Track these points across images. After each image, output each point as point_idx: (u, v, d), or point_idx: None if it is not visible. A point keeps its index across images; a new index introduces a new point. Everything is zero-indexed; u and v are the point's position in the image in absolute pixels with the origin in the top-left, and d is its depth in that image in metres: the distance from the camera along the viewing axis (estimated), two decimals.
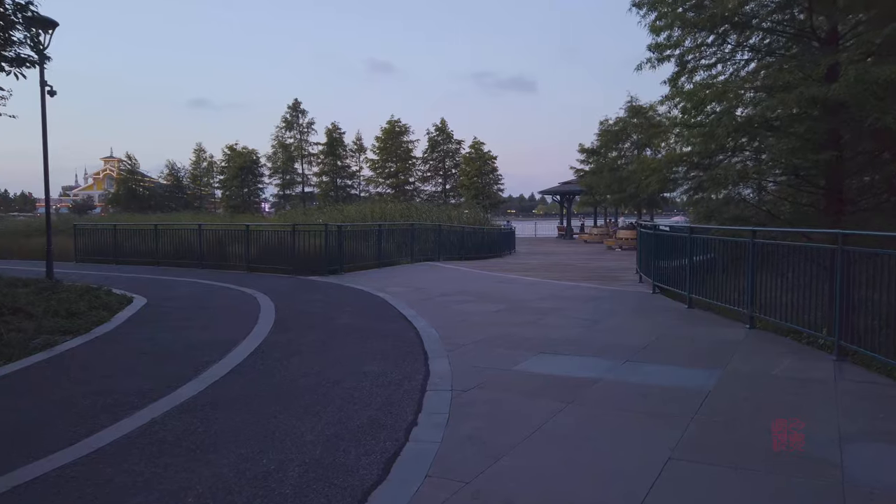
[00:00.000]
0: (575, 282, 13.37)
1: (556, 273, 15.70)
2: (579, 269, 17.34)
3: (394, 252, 18.25)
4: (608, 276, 14.85)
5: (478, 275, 15.09)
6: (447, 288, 12.24)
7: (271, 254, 15.54)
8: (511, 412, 4.59)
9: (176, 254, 17.52)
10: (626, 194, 28.38)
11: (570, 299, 10.50)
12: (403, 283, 13.22)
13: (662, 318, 8.56)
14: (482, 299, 10.54)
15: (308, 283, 13.34)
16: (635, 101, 29.23)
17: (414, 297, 10.90)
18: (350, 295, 11.26)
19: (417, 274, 15.36)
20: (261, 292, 11.59)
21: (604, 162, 32.05)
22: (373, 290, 11.89)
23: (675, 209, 53.35)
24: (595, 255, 25.47)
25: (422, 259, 19.54)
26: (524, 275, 15.02)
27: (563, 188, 43.12)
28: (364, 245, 16.87)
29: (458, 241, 22.18)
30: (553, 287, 12.35)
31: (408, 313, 9.05)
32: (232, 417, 4.53)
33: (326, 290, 12.08)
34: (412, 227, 18.95)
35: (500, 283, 13.09)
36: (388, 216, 24.63)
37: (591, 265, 18.80)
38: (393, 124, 53.76)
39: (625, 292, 11.52)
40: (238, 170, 55.68)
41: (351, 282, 13.28)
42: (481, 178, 48.96)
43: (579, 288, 12.21)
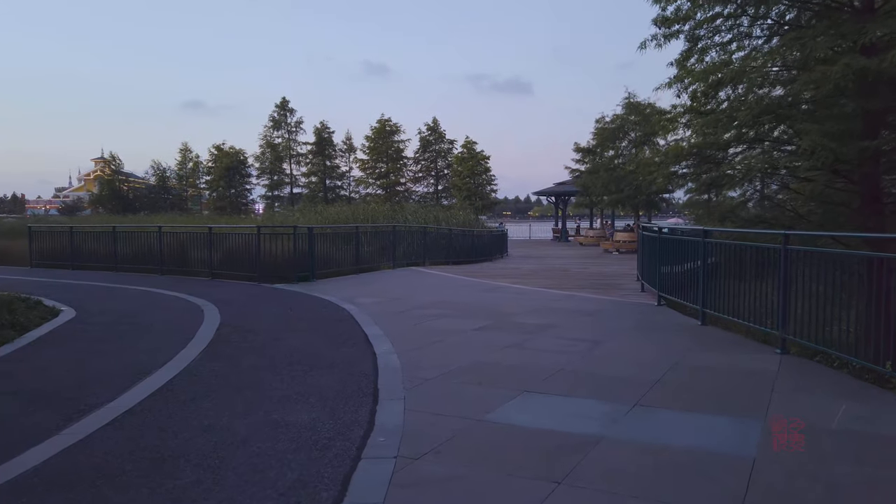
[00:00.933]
0: (570, 291, 11.97)
1: (550, 280, 14.30)
2: (575, 275, 15.95)
3: (374, 256, 16.84)
4: (606, 283, 13.45)
5: (463, 282, 13.68)
6: (426, 298, 10.83)
7: (236, 259, 14.10)
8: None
9: (136, 259, 16.07)
10: (623, 195, 27.01)
11: (564, 313, 9.10)
12: (378, 291, 11.80)
13: (674, 340, 7.16)
14: (464, 313, 9.13)
15: (271, 292, 11.91)
16: (633, 96, 27.95)
17: (385, 309, 9.49)
18: (312, 307, 9.84)
19: (396, 281, 13.94)
20: (212, 304, 10.16)
21: (600, 161, 30.68)
22: (340, 300, 10.47)
23: (672, 211, 52.09)
24: (591, 258, 24.09)
25: (406, 263, 18.14)
26: (515, 282, 13.62)
27: (558, 189, 41.76)
28: (340, 249, 15.45)
29: (446, 245, 20.78)
30: (545, 297, 10.95)
31: (371, 332, 7.63)
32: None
33: (288, 300, 10.65)
34: (394, 230, 17.54)
35: (487, 293, 11.68)
36: (372, 217, 23.21)
37: (588, 270, 17.41)
38: (383, 123, 52.32)
39: (626, 304, 10.13)
40: (224, 170, 54.16)
41: (320, 291, 11.85)
42: (474, 179, 47.48)
43: (575, 298, 10.81)
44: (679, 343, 6.95)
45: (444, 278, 14.69)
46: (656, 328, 7.95)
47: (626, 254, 27.10)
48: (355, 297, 10.99)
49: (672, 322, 8.25)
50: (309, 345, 7.03)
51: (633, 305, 9.96)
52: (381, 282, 13.83)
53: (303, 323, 8.48)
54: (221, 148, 55.99)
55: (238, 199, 53.51)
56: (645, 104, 27.60)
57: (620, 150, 28.13)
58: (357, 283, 13.62)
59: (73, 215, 53.40)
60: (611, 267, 19.17)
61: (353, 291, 11.83)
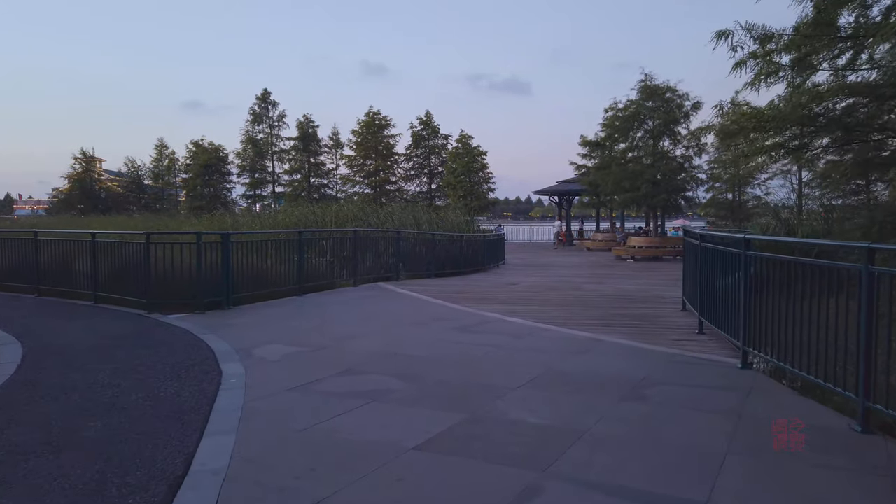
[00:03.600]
0: (589, 329, 8.07)
1: (558, 307, 10.39)
2: (591, 296, 12.04)
3: (328, 271, 12.97)
4: (641, 315, 9.55)
5: (437, 311, 9.80)
6: (369, 345, 6.95)
7: (127, 278, 10.20)
8: None
9: (9, 274, 12.19)
10: (639, 193, 23.08)
11: (590, 391, 5.21)
12: (305, 331, 7.93)
13: (824, 482, 3.29)
14: (415, 390, 5.26)
15: (141, 332, 8.00)
16: (651, 79, 24.02)
17: (288, 376, 5.63)
18: (164, 372, 5.91)
19: (344, 309, 10.07)
20: (21, 355, 6.31)
21: (611, 155, 26.76)
22: (231, 351, 6.63)
23: (686, 212, 48.15)
24: (604, 269, 20.17)
25: (372, 278, 14.26)
26: (509, 310, 9.71)
27: (562, 187, 37.85)
28: (281, 263, 11.57)
29: (427, 253, 16.89)
30: (553, 347, 7.04)
31: (210, 451, 3.76)
32: None
33: (144, 352, 6.72)
34: (355, 236, 13.63)
35: (466, 334, 7.80)
36: (342, 220, 19.31)
37: (606, 288, 13.49)
38: (372, 117, 48.30)
39: (689, 364, 6.21)
40: (201, 167, 50.21)
41: (221, 328, 8.00)
42: (469, 177, 43.44)
43: (599, 350, 6.91)
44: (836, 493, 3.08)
45: (412, 303, 10.80)
46: (770, 438, 4.04)
47: (643, 261, 23.22)
48: (262, 342, 7.13)
49: (804, 422, 4.33)
50: (69, 480, 3.15)
51: (701, 368, 6.05)
52: (322, 310, 9.96)
53: (112, 413, 4.59)
54: (200, 144, 52.03)
55: (216, 198, 49.44)
56: (664, 87, 23.69)
57: (636, 141, 24.23)
58: (289, 312, 9.75)
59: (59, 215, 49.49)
60: (633, 281, 15.25)
61: (270, 330, 7.96)
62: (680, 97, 23.46)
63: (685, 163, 23.66)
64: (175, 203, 54.53)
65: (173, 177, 54.27)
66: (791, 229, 19.58)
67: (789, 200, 26.33)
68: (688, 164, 23.74)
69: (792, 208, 25.71)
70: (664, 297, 11.41)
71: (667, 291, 12.57)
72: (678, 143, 23.92)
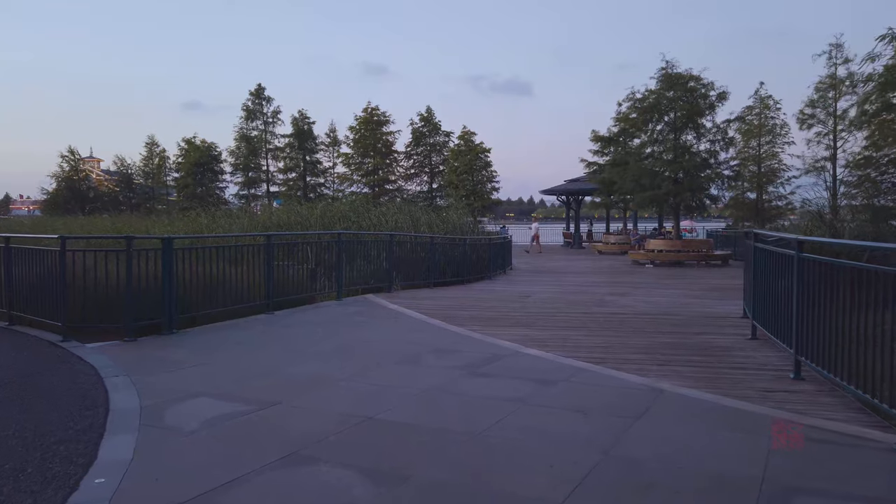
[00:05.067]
0: (639, 370, 5.95)
1: (587, 332, 8.27)
2: (623, 316, 9.92)
3: (304, 282, 10.86)
4: (697, 343, 7.43)
5: (435, 338, 7.70)
6: (336, 401, 4.86)
7: (42, 292, 8.09)
8: None
9: None
10: (660, 192, 20.91)
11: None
12: (251, 374, 5.82)
13: None
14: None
15: (33, 371, 5.89)
16: (672, 67, 21.86)
17: (187, 468, 3.54)
18: (7, 457, 3.81)
19: (315, 336, 7.95)
20: None
21: (628, 151, 24.61)
22: (137, 408, 4.59)
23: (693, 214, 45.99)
24: (624, 276, 18.05)
25: (360, 290, 12.18)
26: (527, 339, 7.60)
27: (570, 187, 35.71)
28: (238, 274, 9.45)
29: (425, 258, 14.78)
30: (600, 404, 4.91)
31: None
32: None
33: (9, 412, 4.62)
34: (340, 239, 11.49)
35: (473, 380, 5.69)
36: (330, 221, 17.21)
37: (636, 303, 11.36)
38: (371, 113, 46.13)
39: (819, 446, 4.06)
40: (192, 165, 48.11)
41: (146, 366, 5.94)
42: (472, 175, 41.21)
43: (668, 412, 4.77)
44: None
45: (405, 326, 8.69)
46: None
47: (664, 267, 21.08)
48: (188, 394, 5.06)
49: None
50: None
51: (842, 453, 3.90)
52: (288, 337, 7.86)
53: None
54: (192, 142, 49.92)
55: (207, 197, 47.22)
56: (686, 75, 21.53)
57: (655, 134, 22.07)
58: (246, 339, 7.65)
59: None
60: (663, 293, 13.11)
61: (209, 370, 5.88)
62: (704, 86, 21.31)
63: (710, 158, 21.50)
64: (167, 203, 52.48)
65: (164, 175, 52.18)
66: (836, 231, 17.48)
67: (820, 200, 24.19)
68: (713, 159, 21.58)
69: (822, 209, 23.59)
70: (716, 317, 9.28)
71: (713, 307, 10.45)
72: (702, 136, 21.76)
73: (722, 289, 13.87)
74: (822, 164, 22.85)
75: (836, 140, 23.07)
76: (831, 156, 23.12)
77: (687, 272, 19.20)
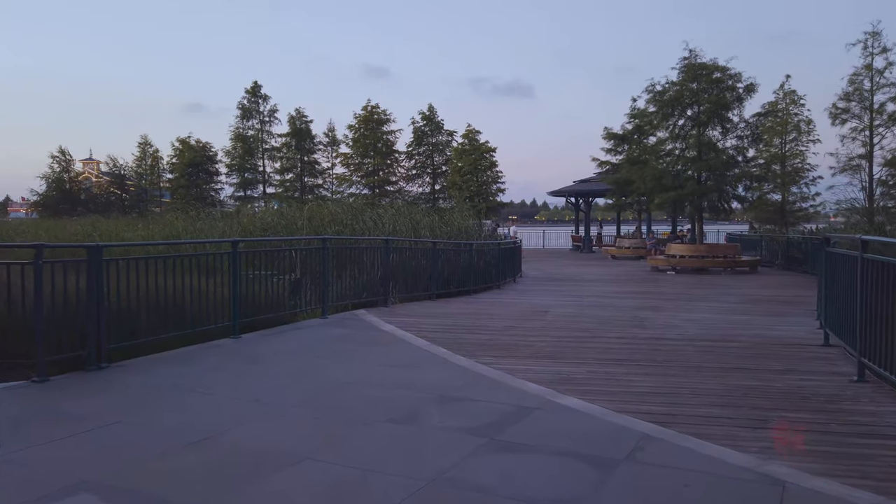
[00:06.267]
0: (725, 439, 4.16)
1: (636, 368, 6.49)
2: (674, 344, 8.12)
3: (281, 298, 9.09)
4: (791, 388, 5.63)
5: (437, 378, 5.93)
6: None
7: None
8: None
9: None
10: (684, 192, 19.11)
11: None
12: (172, 447, 4.01)
13: None
14: None
15: None
16: (696, 56, 20.08)
17: None
18: None
19: (281, 376, 6.16)
20: None
21: (646, 148, 22.81)
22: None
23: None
24: (648, 285, 16.26)
25: (351, 304, 10.45)
26: (557, 378, 5.82)
27: (580, 187, 33.92)
28: (198, 289, 7.68)
29: (426, 266, 13.00)
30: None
31: None
32: None
33: None
34: (325, 247, 9.70)
35: (493, 457, 3.90)
36: (320, 224, 15.46)
37: (680, 324, 9.55)
38: (371, 111, 44.30)
39: None
40: (186, 166, 46.40)
41: (31, 426, 4.11)
42: (476, 176, 39.36)
43: None
44: None
45: (399, 358, 6.91)
46: None
47: (687, 274, 19.26)
48: (69, 483, 3.24)
49: None
50: None
51: None
52: (248, 375, 6.08)
53: None
54: (186, 141, 48.19)
55: (201, 198, 45.43)
56: (711, 65, 19.72)
57: (676, 129, 20.28)
58: (190, 380, 5.89)
59: None
60: (705, 308, 11.30)
61: (116, 435, 4.10)
62: (731, 77, 19.51)
63: (738, 155, 19.70)
64: (160, 205, 50.79)
65: (157, 176, 50.46)
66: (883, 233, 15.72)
67: (852, 201, 22.38)
68: (741, 156, 19.79)
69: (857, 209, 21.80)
70: (789, 344, 7.46)
71: (775, 328, 8.66)
72: (728, 132, 19.96)
73: (768, 301, 12.10)
74: (857, 163, 21.04)
75: (872, 136, 21.28)
76: (867, 153, 21.32)
77: (715, 280, 17.40)
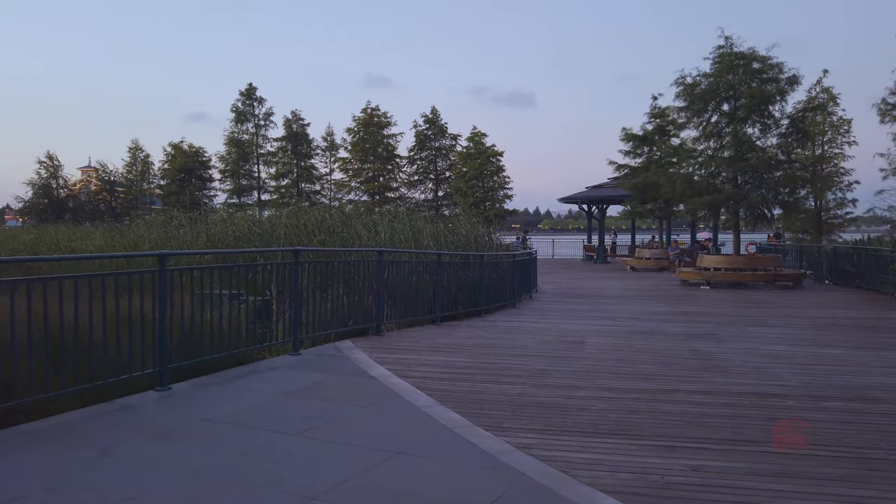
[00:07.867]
0: None
1: (745, 461, 4.26)
2: (775, 402, 5.88)
3: (235, 329, 6.86)
4: None
5: (443, 491, 3.69)
6: None
7: None
8: None
9: None
10: (721, 196, 16.90)
11: None
12: None
13: None
14: None
15: None
16: (732, 45, 17.94)
17: None
18: None
19: (171, 487, 3.91)
20: None
21: (675, 148, 20.60)
22: None
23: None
24: (685, 303, 14.01)
25: (334, 334, 8.24)
26: (639, 491, 3.61)
27: (593, 194, 31.67)
28: (113, 323, 5.48)
29: (430, 282, 10.77)
30: None
31: None
32: None
33: None
34: (296, 260, 7.47)
35: None
36: (305, 233, 13.26)
37: (772, 367, 7.30)
38: (370, 113, 42.24)
39: None
40: (178, 171, 44.35)
41: None
42: (482, 182, 37.18)
43: None
44: None
45: (386, 434, 4.67)
46: None
47: (723, 289, 17.00)
48: None
49: None
50: None
51: None
52: (134, 486, 3.85)
53: None
54: (179, 146, 46.18)
55: (193, 205, 43.35)
56: (750, 54, 17.56)
57: (710, 126, 18.11)
58: (55, 479, 3.65)
59: None
60: (775, 337, 9.06)
61: None
62: (772, 68, 17.34)
63: (782, 154, 17.49)
64: (150, 211, 48.69)
65: (148, 182, 48.40)
66: None
67: None
68: (786, 156, 17.57)
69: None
70: None
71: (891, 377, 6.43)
72: (768, 129, 17.77)
73: (848, 326, 9.93)
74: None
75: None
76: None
77: (759, 297, 15.15)
